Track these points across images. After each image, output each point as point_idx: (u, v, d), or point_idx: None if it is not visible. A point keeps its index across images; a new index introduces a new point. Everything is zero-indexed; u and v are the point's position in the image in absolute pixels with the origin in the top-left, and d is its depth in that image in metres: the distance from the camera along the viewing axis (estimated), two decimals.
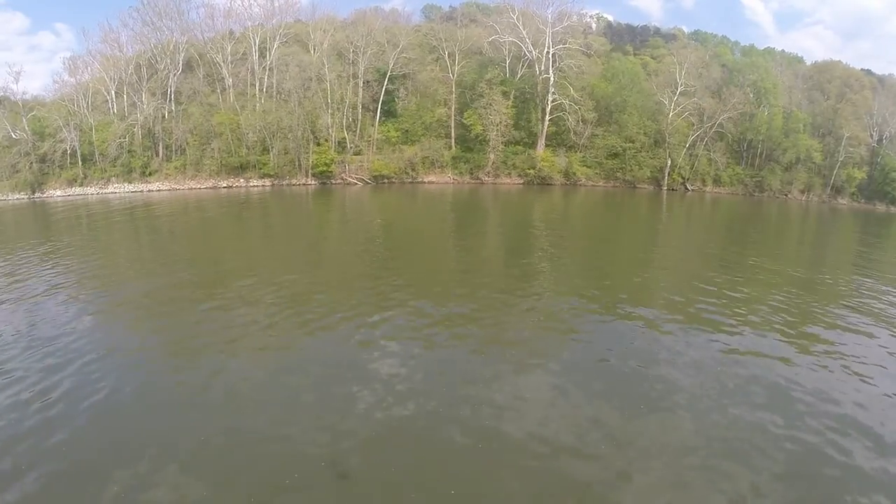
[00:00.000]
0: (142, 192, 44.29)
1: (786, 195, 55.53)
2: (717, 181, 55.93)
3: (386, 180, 46.79)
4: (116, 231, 25.36)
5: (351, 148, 46.98)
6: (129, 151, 45.44)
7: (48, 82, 53.38)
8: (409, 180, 47.62)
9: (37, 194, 44.74)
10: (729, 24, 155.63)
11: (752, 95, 53.73)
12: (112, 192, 44.56)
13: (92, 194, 44.20)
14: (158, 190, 44.68)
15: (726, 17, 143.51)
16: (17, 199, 43.92)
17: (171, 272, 15.35)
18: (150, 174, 45.50)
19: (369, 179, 46.20)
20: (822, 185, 55.20)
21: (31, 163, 45.31)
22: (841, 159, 53.54)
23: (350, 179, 45.48)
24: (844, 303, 13.46)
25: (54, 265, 16.14)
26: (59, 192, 44.81)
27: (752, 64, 56.29)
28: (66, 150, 45.62)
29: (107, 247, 20.79)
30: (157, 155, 46.47)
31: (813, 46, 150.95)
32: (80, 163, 45.63)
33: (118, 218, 29.76)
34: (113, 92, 48.35)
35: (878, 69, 77.62)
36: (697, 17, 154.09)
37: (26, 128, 45.57)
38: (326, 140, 46.28)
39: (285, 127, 44.27)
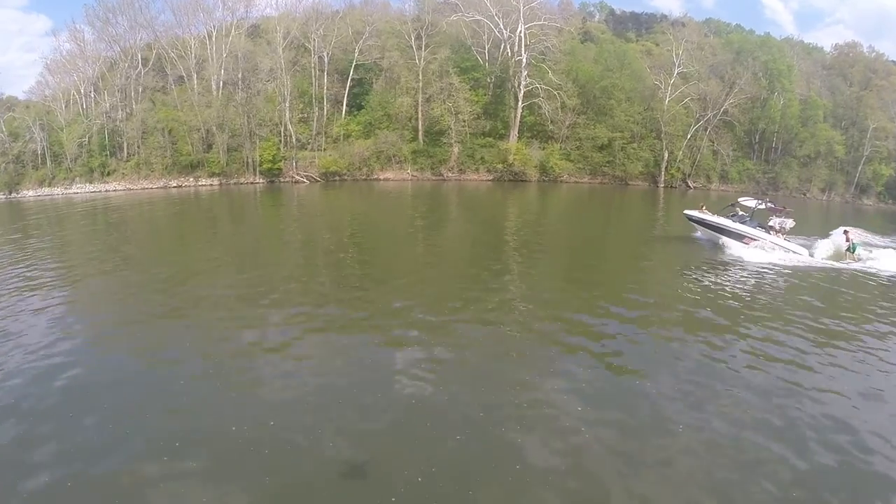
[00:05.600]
0: (101, 192, 44.21)
1: (804, 194, 48.63)
2: (723, 177, 49.69)
3: (337, 178, 43.88)
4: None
5: (305, 143, 44.52)
6: (88, 151, 45.55)
7: (44, 82, 53.75)
8: (363, 177, 44.43)
9: (12, 194, 45.54)
10: (749, 23, 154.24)
11: (763, 79, 47.00)
12: (75, 193, 44.65)
13: (58, 194, 44.51)
14: (115, 190, 44.34)
15: (746, 16, 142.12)
16: None
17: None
18: (108, 174, 45.35)
19: (318, 177, 43.52)
20: (846, 183, 47.99)
21: (7, 163, 46.30)
22: (866, 153, 46.27)
23: (297, 177, 43.15)
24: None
25: None
26: (31, 193, 45.45)
27: (764, 43, 49.22)
28: (37, 151, 46.35)
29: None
30: (119, 153, 46.32)
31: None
32: (48, 163, 46.25)
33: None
34: (82, 91, 48.70)
35: None
36: (717, 15, 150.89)
37: (3, 128, 46.59)
38: (275, 135, 44.03)
39: (230, 122, 42.52)
